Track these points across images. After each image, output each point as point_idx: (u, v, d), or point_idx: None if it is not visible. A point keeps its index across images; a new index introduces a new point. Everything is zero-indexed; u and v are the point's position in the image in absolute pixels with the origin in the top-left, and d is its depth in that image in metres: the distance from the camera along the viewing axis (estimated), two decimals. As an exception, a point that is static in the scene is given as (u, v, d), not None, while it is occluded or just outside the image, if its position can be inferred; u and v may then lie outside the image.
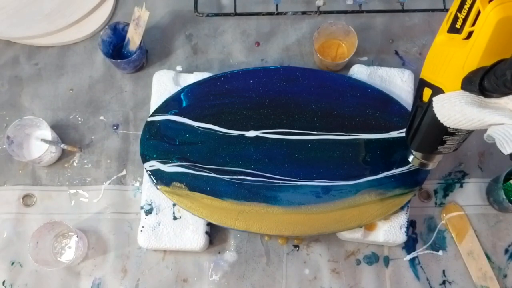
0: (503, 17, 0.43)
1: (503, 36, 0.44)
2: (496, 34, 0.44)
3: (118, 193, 0.75)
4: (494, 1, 0.43)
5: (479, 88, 0.46)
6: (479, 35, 0.45)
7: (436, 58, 0.52)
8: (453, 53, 0.48)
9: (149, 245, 0.69)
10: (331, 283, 0.71)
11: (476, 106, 0.47)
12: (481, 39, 0.45)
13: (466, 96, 0.48)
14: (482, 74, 0.45)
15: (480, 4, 0.44)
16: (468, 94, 0.48)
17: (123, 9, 0.85)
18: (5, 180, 0.76)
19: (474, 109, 0.47)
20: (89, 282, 0.72)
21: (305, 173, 0.68)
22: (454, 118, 0.50)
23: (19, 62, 0.82)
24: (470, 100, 0.48)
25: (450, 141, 0.56)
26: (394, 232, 0.69)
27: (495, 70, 0.44)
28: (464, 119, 0.49)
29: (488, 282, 0.70)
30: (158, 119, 0.71)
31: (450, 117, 0.50)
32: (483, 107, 0.47)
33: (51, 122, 0.78)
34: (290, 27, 0.83)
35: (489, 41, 0.44)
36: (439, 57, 0.51)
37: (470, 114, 0.48)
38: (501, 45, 0.45)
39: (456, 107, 0.49)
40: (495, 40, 0.44)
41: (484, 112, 0.47)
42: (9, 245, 0.73)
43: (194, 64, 0.81)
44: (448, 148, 0.57)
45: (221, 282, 0.72)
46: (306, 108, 0.71)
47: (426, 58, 0.54)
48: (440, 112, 0.51)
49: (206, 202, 0.67)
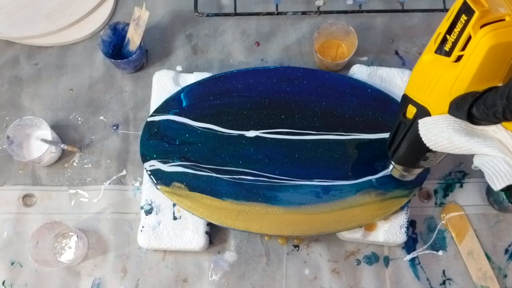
0: (495, 44, 0.42)
1: (494, 63, 0.43)
2: (486, 60, 0.43)
3: (118, 193, 0.75)
4: (485, 27, 0.42)
5: (467, 115, 0.45)
6: (469, 60, 0.44)
7: (422, 77, 0.50)
8: (441, 75, 0.47)
9: (149, 245, 0.69)
10: (331, 283, 0.71)
11: (464, 134, 0.46)
12: (471, 64, 0.44)
13: (453, 122, 0.47)
14: (471, 102, 0.44)
15: (471, 30, 0.43)
16: (455, 119, 0.47)
17: (123, 9, 0.85)
18: (5, 180, 0.76)
19: (462, 137, 0.46)
20: (89, 282, 0.72)
21: (305, 173, 0.68)
22: (441, 144, 0.49)
23: (19, 62, 0.82)
24: (458, 127, 0.47)
25: (432, 158, 0.56)
26: (394, 232, 0.69)
27: (485, 98, 0.43)
28: (451, 146, 0.48)
29: (488, 282, 0.70)
30: (158, 119, 0.71)
31: (436, 142, 0.49)
32: (471, 136, 0.46)
33: (51, 122, 0.78)
34: (290, 27, 0.83)
35: (479, 67, 0.43)
36: (425, 76, 0.49)
37: (457, 142, 0.47)
38: (491, 71, 0.44)
39: (443, 133, 0.48)
40: (485, 66, 0.43)
41: (473, 141, 0.46)
42: (9, 245, 0.73)
43: (194, 64, 0.81)
44: (430, 163, 0.57)
45: (221, 282, 0.72)
46: (306, 108, 0.71)
47: (411, 75, 0.52)
48: (426, 137, 0.50)
49: (206, 202, 0.67)
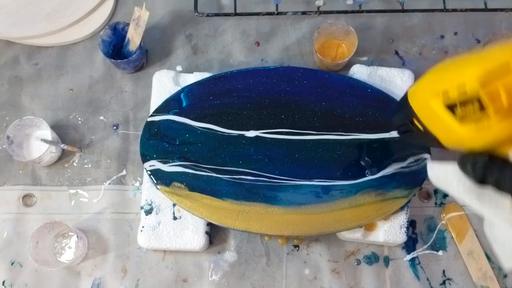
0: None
1: None
2: None
3: (118, 193, 0.75)
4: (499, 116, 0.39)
5: (480, 181, 0.43)
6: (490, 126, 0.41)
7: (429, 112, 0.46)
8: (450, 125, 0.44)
9: (149, 245, 0.69)
10: (331, 283, 0.71)
11: (475, 197, 0.45)
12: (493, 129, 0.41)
13: (464, 180, 0.45)
14: (484, 168, 0.42)
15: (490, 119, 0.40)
16: (464, 177, 0.45)
17: (123, 9, 0.85)
18: (5, 180, 0.76)
19: (473, 200, 0.45)
20: (89, 282, 0.72)
21: (305, 173, 0.68)
22: (452, 194, 0.48)
23: (19, 62, 0.82)
24: (469, 186, 0.45)
25: None
26: (394, 232, 0.69)
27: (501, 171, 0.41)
28: (461, 202, 0.48)
29: (488, 282, 0.70)
30: (158, 119, 0.71)
31: (445, 190, 0.49)
32: (481, 200, 0.44)
33: (51, 122, 0.78)
34: (290, 27, 0.83)
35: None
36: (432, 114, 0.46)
37: (468, 202, 0.46)
38: None
39: (453, 186, 0.46)
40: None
41: (483, 207, 0.44)
42: (9, 245, 0.73)
43: (194, 64, 0.81)
44: None
45: (221, 282, 0.72)
46: (306, 108, 0.71)
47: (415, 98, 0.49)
48: (435, 182, 0.49)
49: (206, 202, 0.67)
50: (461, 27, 0.82)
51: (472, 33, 0.82)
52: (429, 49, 0.81)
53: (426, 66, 0.80)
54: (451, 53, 0.81)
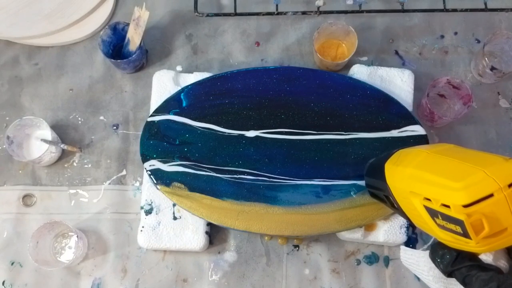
0: None
1: None
2: None
3: (118, 193, 0.75)
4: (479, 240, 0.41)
5: (448, 275, 0.45)
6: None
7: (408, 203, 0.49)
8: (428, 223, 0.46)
9: (149, 245, 0.69)
10: (331, 283, 0.71)
11: (443, 285, 0.47)
12: None
13: (434, 268, 0.47)
14: (451, 266, 0.45)
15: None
16: (434, 266, 0.47)
17: (123, 9, 0.85)
18: (5, 180, 0.76)
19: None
20: (89, 282, 0.72)
21: (305, 172, 0.68)
22: (422, 279, 0.51)
23: (19, 62, 0.82)
24: (438, 275, 0.47)
25: None
26: (394, 232, 0.69)
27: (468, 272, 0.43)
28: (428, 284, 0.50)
29: (488, 282, 0.70)
30: (158, 119, 0.71)
31: (418, 276, 0.52)
32: None
33: (51, 122, 0.78)
34: (290, 27, 0.83)
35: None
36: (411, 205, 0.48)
37: None
38: None
39: (423, 274, 0.49)
40: None
41: None
42: (9, 245, 0.73)
43: (194, 64, 0.81)
44: None
45: (221, 282, 0.72)
46: (306, 108, 0.71)
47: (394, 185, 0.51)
48: (407, 266, 0.52)
49: (206, 202, 0.67)
50: (461, 27, 0.82)
51: (472, 33, 0.82)
52: (429, 49, 0.81)
53: (426, 66, 0.80)
54: (451, 53, 0.81)
